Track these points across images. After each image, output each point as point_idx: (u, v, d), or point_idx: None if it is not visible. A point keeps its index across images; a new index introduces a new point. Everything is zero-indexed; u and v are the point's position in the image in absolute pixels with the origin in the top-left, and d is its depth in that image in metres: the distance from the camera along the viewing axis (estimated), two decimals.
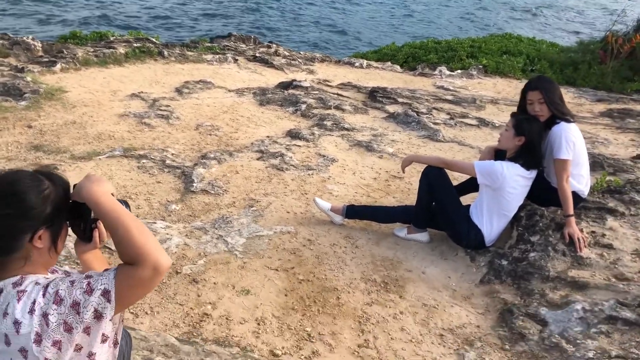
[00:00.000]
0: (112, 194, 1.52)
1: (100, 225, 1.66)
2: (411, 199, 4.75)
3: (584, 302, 3.14)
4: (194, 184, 4.68)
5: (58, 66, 7.69)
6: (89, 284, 1.39)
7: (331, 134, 6.15)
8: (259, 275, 3.55)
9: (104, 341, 1.44)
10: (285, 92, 7.56)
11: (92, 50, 8.55)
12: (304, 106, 6.95)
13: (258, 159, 5.34)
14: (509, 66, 10.77)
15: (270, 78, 8.67)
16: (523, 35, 14.00)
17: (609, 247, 3.58)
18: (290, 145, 5.72)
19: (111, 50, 8.48)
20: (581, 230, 3.60)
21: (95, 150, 5.32)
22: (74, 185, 1.57)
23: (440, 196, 3.81)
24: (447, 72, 10.05)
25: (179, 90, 7.35)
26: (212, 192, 4.60)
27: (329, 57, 10.97)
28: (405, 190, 4.93)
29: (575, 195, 3.67)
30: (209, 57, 9.25)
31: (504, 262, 3.62)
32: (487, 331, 3.19)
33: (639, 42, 10.24)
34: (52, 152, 5.18)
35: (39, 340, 1.36)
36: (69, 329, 1.37)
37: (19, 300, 1.38)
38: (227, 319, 3.14)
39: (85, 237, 1.68)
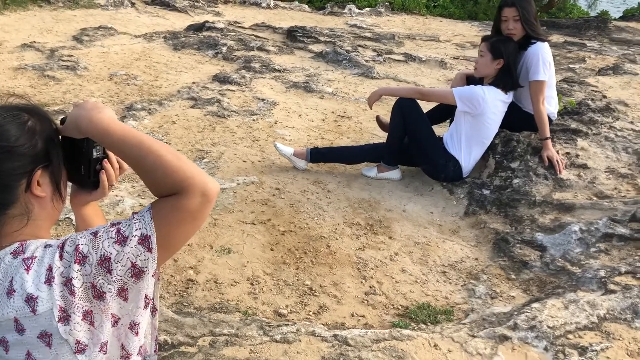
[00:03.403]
0: None
1: (107, 164, 1.25)
2: (366, 138, 4.54)
3: (578, 223, 3.12)
4: None
5: None
6: (118, 231, 1.02)
7: (263, 77, 5.72)
8: (235, 232, 3.19)
9: (146, 305, 1.08)
10: (200, 34, 6.94)
11: None
12: (224, 49, 6.42)
13: (193, 107, 4.83)
14: (414, 2, 10.73)
15: (175, 22, 7.95)
16: None
17: (584, 167, 3.59)
18: (222, 90, 5.24)
19: None
20: (557, 152, 3.57)
21: None
22: (62, 119, 1.18)
23: (415, 129, 3.61)
24: (357, 10, 9.80)
25: (77, 39, 6.49)
26: None
27: None
28: (358, 130, 4.69)
29: (548, 118, 3.61)
30: (102, 1, 8.29)
31: (486, 192, 3.53)
32: (487, 263, 3.09)
33: None
34: None
35: (65, 317, 0.99)
36: (99, 295, 1.00)
37: (27, 269, 1.01)
38: (215, 282, 2.77)
39: (90, 182, 1.25)
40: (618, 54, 7.77)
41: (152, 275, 1.05)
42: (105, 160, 1.24)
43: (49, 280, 0.99)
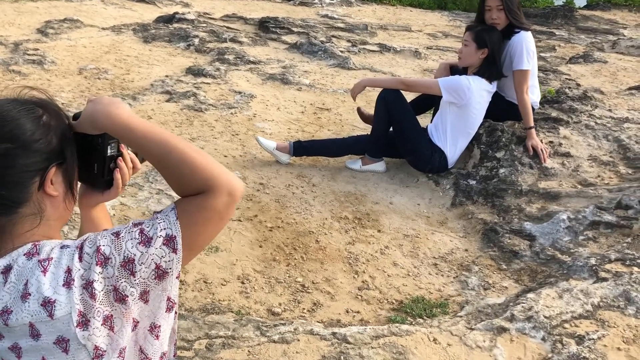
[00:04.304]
0: None
1: (122, 163, 1.18)
2: (346, 130, 4.50)
3: (566, 211, 3.13)
4: None
5: None
6: (142, 231, 0.97)
7: (238, 69, 5.61)
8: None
9: (169, 309, 1.04)
10: (170, 26, 6.77)
11: None
12: (196, 41, 6.28)
13: (168, 101, 4.70)
14: None
15: (143, 13, 7.74)
16: None
17: (568, 155, 3.61)
18: (197, 83, 5.11)
19: None
20: (541, 141, 3.58)
21: None
22: (75, 115, 1.11)
23: (400, 121, 3.57)
24: (327, 0, 9.72)
25: (42, 32, 6.26)
26: None
27: None
28: (338, 122, 4.64)
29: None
30: None
31: (472, 182, 3.52)
32: (477, 253, 3.08)
33: None
34: None
35: (84, 321, 0.94)
36: (121, 298, 0.96)
37: (44, 271, 0.95)
38: (205, 282, 2.69)
39: (103, 181, 1.18)
40: (586, 42, 7.89)
41: (177, 277, 1.01)
42: (120, 158, 1.17)
43: (67, 283, 0.94)
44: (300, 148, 3.76)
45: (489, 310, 2.57)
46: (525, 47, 3.43)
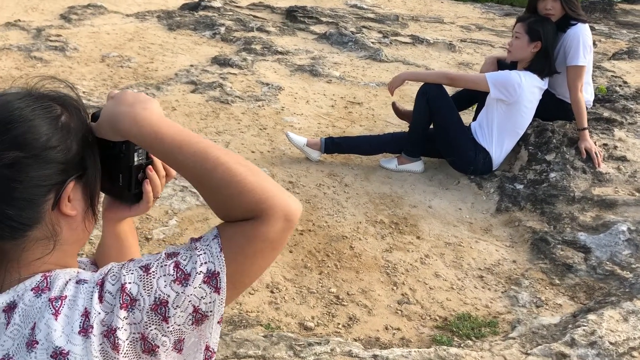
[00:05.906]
0: None
1: (152, 172, 0.97)
2: (379, 126, 4.25)
3: (625, 222, 2.86)
4: None
5: None
6: (177, 266, 0.78)
7: (265, 59, 5.38)
8: None
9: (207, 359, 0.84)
10: (195, 14, 6.57)
11: None
12: (222, 29, 6.06)
13: (193, 92, 4.49)
14: None
15: (168, 0, 7.54)
16: None
17: (624, 159, 3.33)
18: (223, 73, 4.90)
19: None
20: (595, 143, 3.30)
21: None
22: (93, 115, 0.90)
23: (442, 118, 3.32)
24: None
25: (65, 17, 6.09)
26: None
27: None
28: (370, 117, 4.39)
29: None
30: None
31: (519, 186, 3.26)
32: (526, 265, 2.83)
33: None
34: None
35: None
36: (150, 349, 0.78)
37: (56, 314, 0.77)
38: None
39: (130, 195, 0.97)
40: (629, 38, 7.53)
41: (218, 322, 0.81)
42: (150, 167, 0.95)
43: (84, 330, 0.76)
44: (332, 145, 3.53)
45: (544, 331, 2.32)
46: (582, 41, 3.14)
